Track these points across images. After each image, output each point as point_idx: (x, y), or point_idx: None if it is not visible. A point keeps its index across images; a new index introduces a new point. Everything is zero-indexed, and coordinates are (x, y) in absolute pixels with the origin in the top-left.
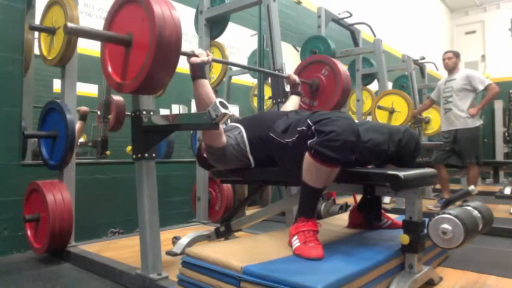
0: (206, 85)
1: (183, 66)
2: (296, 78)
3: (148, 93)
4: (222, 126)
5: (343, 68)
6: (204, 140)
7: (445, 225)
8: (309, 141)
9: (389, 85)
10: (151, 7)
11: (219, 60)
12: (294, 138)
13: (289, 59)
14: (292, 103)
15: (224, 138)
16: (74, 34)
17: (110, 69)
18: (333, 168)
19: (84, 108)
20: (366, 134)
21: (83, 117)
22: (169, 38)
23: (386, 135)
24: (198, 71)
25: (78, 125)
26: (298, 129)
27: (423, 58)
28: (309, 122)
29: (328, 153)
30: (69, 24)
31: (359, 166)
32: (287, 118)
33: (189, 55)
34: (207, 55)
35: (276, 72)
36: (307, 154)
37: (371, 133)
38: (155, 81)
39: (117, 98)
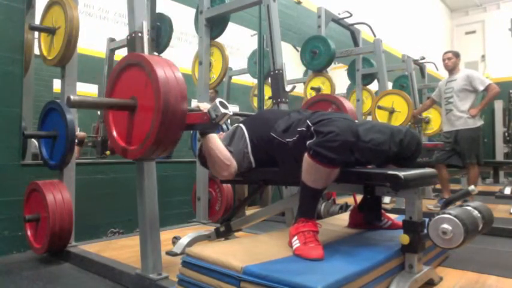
0: (215, 140)
1: (182, 66)
2: None
3: (154, 157)
4: (235, 164)
5: (349, 106)
6: (218, 176)
7: (445, 225)
8: (307, 142)
9: (390, 85)
10: (155, 71)
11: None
12: (295, 138)
13: (289, 59)
14: None
15: (235, 165)
16: (77, 107)
17: (115, 133)
18: (332, 169)
19: (82, 134)
20: (367, 134)
21: (80, 142)
22: (174, 102)
23: (388, 135)
24: None
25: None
26: (298, 129)
27: (423, 58)
28: (308, 122)
29: (327, 154)
30: (72, 98)
31: (360, 166)
32: (288, 117)
33: (195, 112)
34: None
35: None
36: (306, 155)
37: (372, 133)
38: (162, 146)
39: None
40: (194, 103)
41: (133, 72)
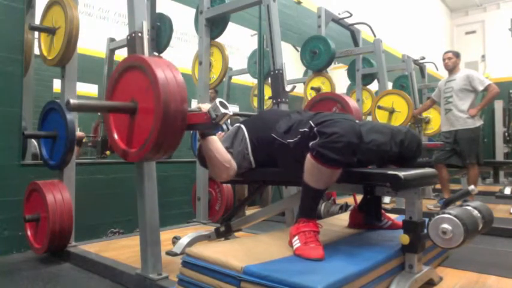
0: (215, 142)
1: (182, 66)
2: None
3: (155, 159)
4: (234, 164)
5: (354, 104)
6: (216, 178)
7: (445, 225)
8: (311, 143)
9: (390, 85)
10: (155, 74)
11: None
12: (296, 139)
13: (289, 59)
14: None
15: (235, 167)
16: (77, 110)
17: (115, 136)
18: (335, 170)
19: (80, 134)
20: (368, 135)
21: (79, 142)
22: (175, 105)
23: (389, 135)
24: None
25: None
26: (300, 130)
27: (423, 58)
28: (311, 123)
29: (330, 155)
30: (72, 101)
31: (361, 166)
32: (289, 118)
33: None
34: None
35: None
36: (308, 155)
37: (373, 134)
38: (163, 149)
39: None
40: (194, 103)
41: (133, 75)
